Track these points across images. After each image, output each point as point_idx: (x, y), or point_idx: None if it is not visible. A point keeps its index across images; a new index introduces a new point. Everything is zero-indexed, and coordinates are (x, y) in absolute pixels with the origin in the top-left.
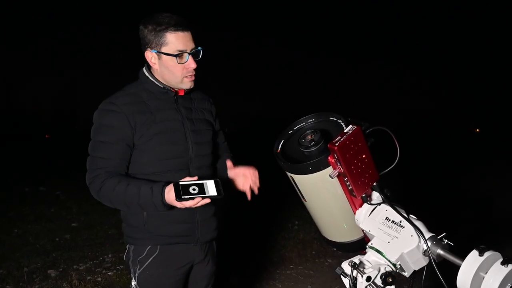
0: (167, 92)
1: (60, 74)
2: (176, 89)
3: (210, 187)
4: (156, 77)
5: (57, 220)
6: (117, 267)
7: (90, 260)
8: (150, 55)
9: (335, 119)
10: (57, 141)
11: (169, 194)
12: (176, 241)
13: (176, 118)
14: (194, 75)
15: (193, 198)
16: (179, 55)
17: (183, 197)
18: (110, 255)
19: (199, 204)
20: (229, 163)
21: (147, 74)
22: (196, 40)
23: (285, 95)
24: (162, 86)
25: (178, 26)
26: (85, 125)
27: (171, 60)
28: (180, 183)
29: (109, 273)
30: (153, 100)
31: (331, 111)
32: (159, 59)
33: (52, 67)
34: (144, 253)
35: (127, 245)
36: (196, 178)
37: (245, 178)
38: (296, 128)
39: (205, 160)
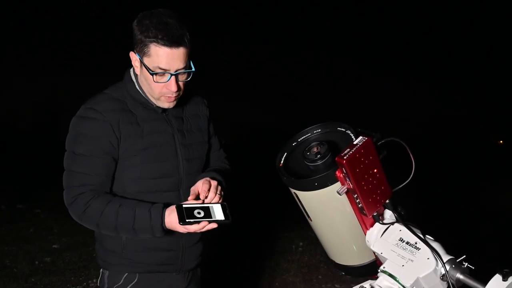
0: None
1: (40, 78)
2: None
3: (217, 211)
4: (140, 82)
5: (36, 241)
6: None
7: (73, 285)
8: (134, 57)
9: (344, 130)
10: (37, 153)
11: (170, 217)
12: (157, 269)
13: (166, 130)
14: (176, 96)
15: (198, 222)
16: (158, 73)
17: (187, 220)
18: (95, 280)
19: (205, 229)
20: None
21: (133, 78)
22: (189, 58)
23: (289, 103)
24: (145, 98)
25: (167, 41)
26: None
27: (150, 75)
28: (184, 205)
29: None
30: (139, 108)
31: (339, 120)
32: (140, 66)
33: (31, 70)
34: (121, 281)
35: (101, 269)
36: (201, 201)
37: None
38: (301, 140)
39: (195, 179)
